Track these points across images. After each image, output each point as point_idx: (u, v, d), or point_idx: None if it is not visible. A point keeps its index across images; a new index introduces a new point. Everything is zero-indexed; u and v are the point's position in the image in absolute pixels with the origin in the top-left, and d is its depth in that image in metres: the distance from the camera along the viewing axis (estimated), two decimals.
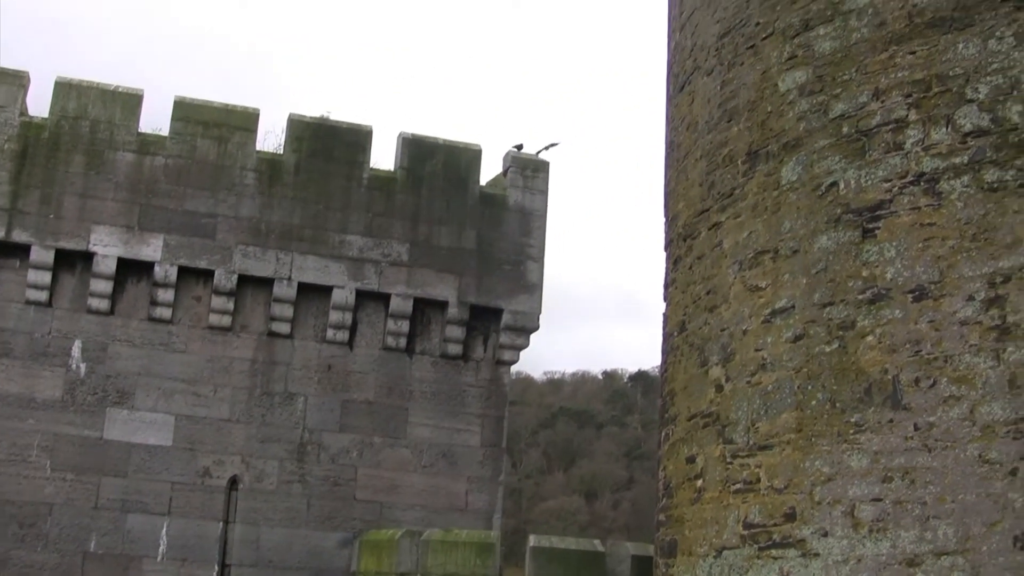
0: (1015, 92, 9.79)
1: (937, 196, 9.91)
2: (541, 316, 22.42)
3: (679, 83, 13.49)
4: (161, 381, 20.78)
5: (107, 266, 20.61)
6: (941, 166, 9.96)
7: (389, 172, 22.53)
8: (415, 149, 22.60)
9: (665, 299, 13.22)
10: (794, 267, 10.77)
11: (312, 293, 21.69)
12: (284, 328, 21.55)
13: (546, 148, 22.96)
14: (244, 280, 21.38)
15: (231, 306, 21.26)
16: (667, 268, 13.29)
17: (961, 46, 10.17)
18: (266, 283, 21.48)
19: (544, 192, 22.88)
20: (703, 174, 12.36)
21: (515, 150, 22.89)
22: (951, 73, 10.14)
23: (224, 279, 21.12)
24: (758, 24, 11.86)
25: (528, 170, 22.90)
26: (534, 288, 22.45)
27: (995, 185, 9.67)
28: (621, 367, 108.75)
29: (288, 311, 21.50)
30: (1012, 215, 9.53)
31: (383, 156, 23.10)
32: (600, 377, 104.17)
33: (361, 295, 21.80)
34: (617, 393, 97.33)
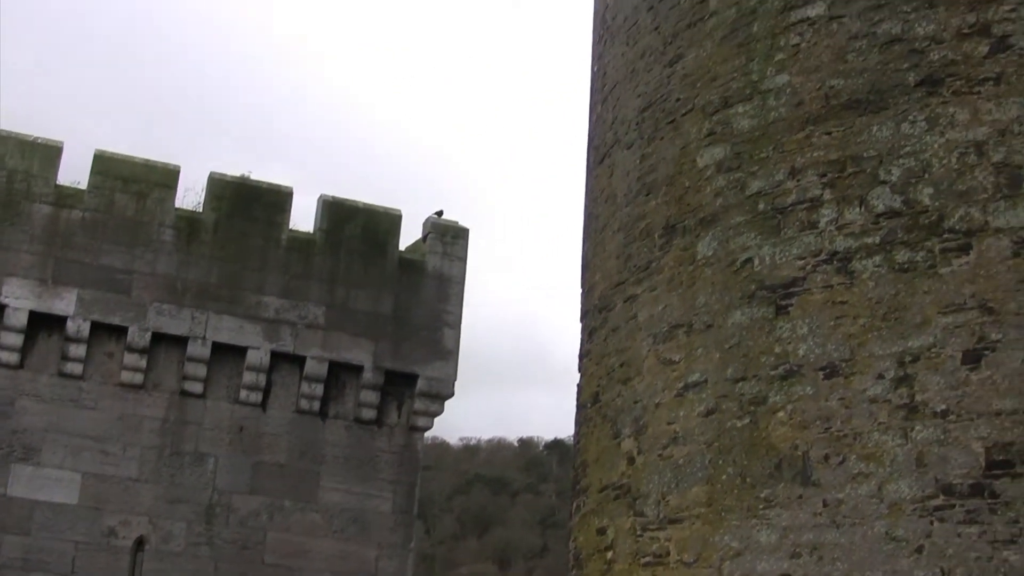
0: (927, 175, 9.98)
1: (849, 275, 10.04)
2: (457, 383, 22.38)
3: (599, 155, 13.59)
4: (69, 438, 20.44)
5: (18, 319, 20.30)
6: (854, 245, 10.11)
7: (308, 234, 22.46)
8: (335, 212, 22.56)
9: (580, 370, 13.24)
10: (708, 342, 10.84)
11: (226, 353, 21.50)
12: (197, 388, 21.32)
13: (436, 215, 23.03)
14: (158, 338, 21.15)
15: (144, 364, 21.01)
16: (583, 339, 13.32)
17: (875, 128, 10.35)
18: (180, 341, 21.26)
19: (463, 259, 22.90)
20: (620, 246, 12.44)
21: (435, 216, 22.93)
22: (865, 155, 10.31)
23: (138, 336, 20.88)
24: (678, 100, 12.00)
25: (448, 236, 22.93)
26: (450, 355, 22.41)
27: (906, 266, 9.82)
28: (538, 434, 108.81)
29: (201, 370, 21.29)
30: (922, 296, 9.68)
31: (303, 217, 22.97)
32: (516, 444, 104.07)
33: (276, 356, 21.64)
34: (533, 461, 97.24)
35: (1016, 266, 9.50)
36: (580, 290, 13.85)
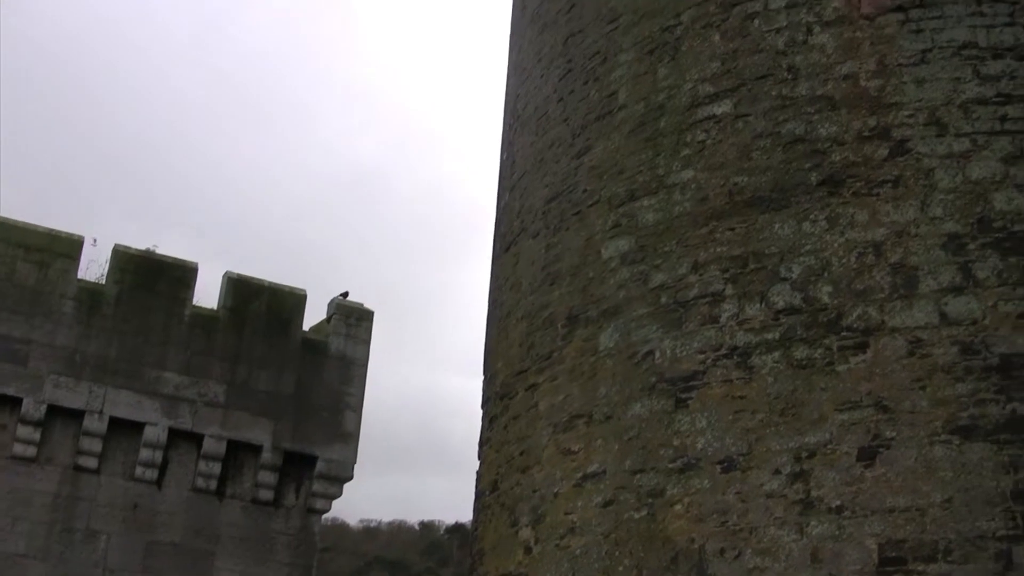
0: (826, 273, 10.14)
1: (749, 370, 10.14)
2: (358, 464, 22.15)
3: (506, 243, 13.65)
4: None
5: None
6: (754, 341, 10.22)
7: (212, 311, 22.21)
8: (240, 290, 22.36)
9: (480, 457, 13.21)
10: (607, 433, 10.86)
11: (123, 428, 21.10)
12: (92, 463, 20.88)
13: (341, 296, 22.94)
14: (54, 410, 20.70)
15: (38, 436, 20.54)
16: (483, 426, 13.29)
17: (777, 226, 10.52)
18: (76, 415, 20.85)
19: (367, 341, 22.75)
20: (524, 335, 12.46)
21: (340, 297, 22.81)
22: (767, 251, 10.46)
23: (32, 408, 20.44)
24: (585, 191, 12.11)
25: (352, 318, 22.80)
26: (350, 437, 22.19)
27: (804, 362, 9.95)
28: (439, 518, 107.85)
29: (97, 445, 20.86)
30: (819, 392, 9.80)
31: (208, 293, 22.73)
32: (417, 527, 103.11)
33: (174, 434, 21.27)
34: (433, 544, 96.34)
35: (911, 365, 9.66)
36: (483, 376, 13.84)
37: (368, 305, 23.28)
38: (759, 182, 10.78)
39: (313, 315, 23.34)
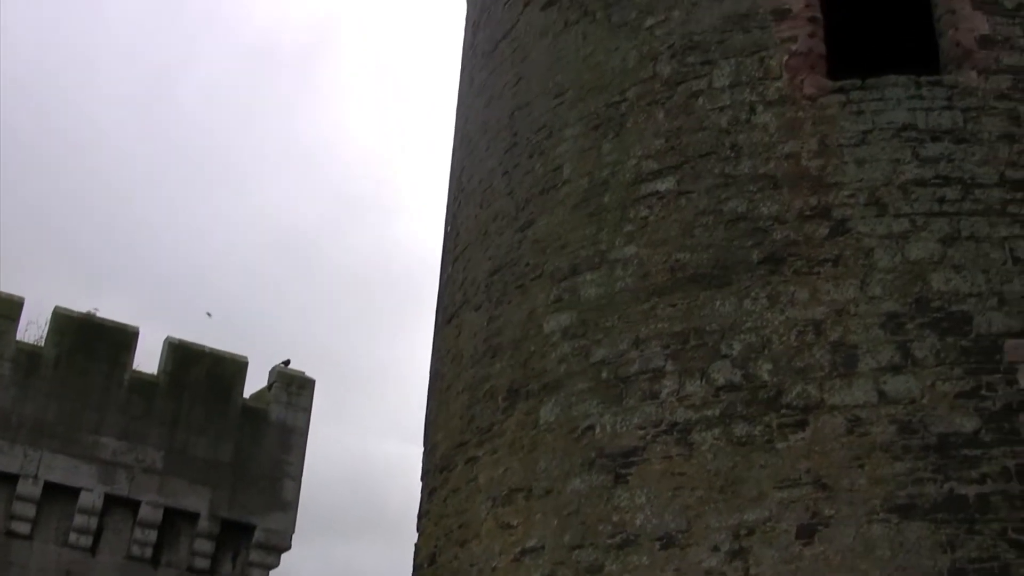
0: (766, 351, 10.19)
1: (688, 446, 10.14)
2: (295, 535, 21.96)
3: (448, 315, 13.64)
4: None
5: None
6: (694, 417, 10.23)
7: (152, 376, 22.07)
8: (180, 355, 22.24)
9: (419, 529, 13.11)
10: (546, 507, 10.81)
11: (58, 493, 20.85)
12: (24, 528, 20.60)
13: (283, 364, 22.86)
14: None
15: None
16: (423, 498, 13.20)
17: (718, 303, 10.57)
18: (10, 479, 20.58)
19: (307, 410, 22.66)
20: (464, 407, 12.42)
21: (282, 365, 22.73)
22: (708, 328, 10.50)
23: None
24: (528, 265, 12.13)
25: (293, 386, 22.70)
26: (289, 507, 22.02)
27: (744, 439, 9.97)
28: None
29: (30, 510, 20.59)
30: (759, 469, 9.82)
31: (149, 356, 22.60)
32: None
33: (110, 500, 21.05)
34: None
35: (850, 443, 9.71)
36: (423, 448, 13.77)
37: (309, 373, 23.20)
38: (701, 259, 10.84)
39: (254, 382, 23.23)
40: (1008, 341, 9.96)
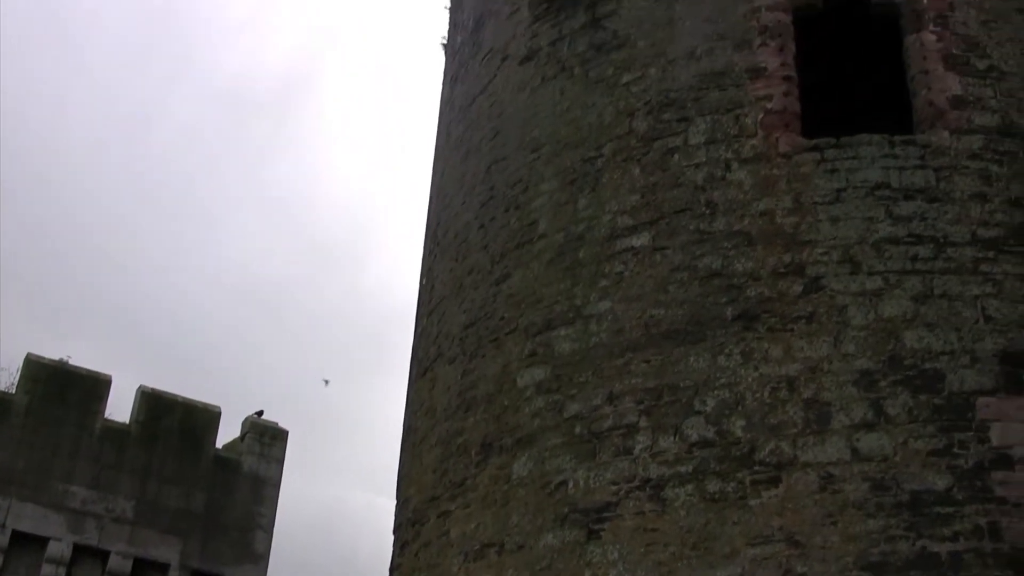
0: (740, 407, 10.20)
1: (661, 502, 10.13)
2: None
3: (422, 367, 13.63)
4: None
5: None
6: (667, 473, 10.22)
7: (124, 424, 21.99)
8: (153, 404, 22.16)
9: None
10: (519, 563, 10.77)
11: (26, 542, 20.70)
12: None
13: (256, 415, 22.76)
14: None
15: None
16: (394, 552, 13.15)
17: (692, 359, 10.59)
18: None
19: (280, 461, 22.58)
20: (437, 461, 12.39)
21: (255, 416, 22.66)
22: (682, 384, 10.51)
23: None
24: (503, 319, 12.14)
25: (266, 437, 22.62)
26: (260, 558, 21.89)
27: (717, 496, 9.96)
28: None
29: None
30: (732, 526, 9.81)
31: (122, 403, 22.52)
32: None
33: (79, 549, 20.90)
34: None
35: (823, 501, 9.70)
36: (395, 501, 13.72)
37: (282, 423, 23.14)
38: (675, 315, 10.87)
39: (228, 431, 23.16)
40: (980, 399, 9.99)
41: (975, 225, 10.79)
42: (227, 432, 23.05)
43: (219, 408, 22.68)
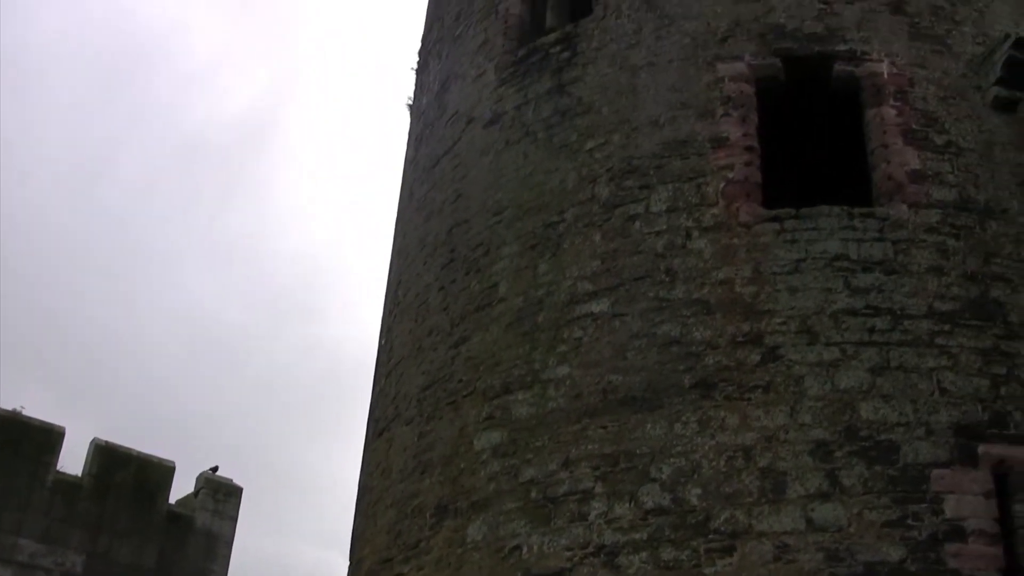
0: (696, 475, 10.21)
1: (616, 569, 10.10)
2: None
3: (379, 428, 13.58)
4: None
5: None
6: (622, 540, 10.20)
7: (76, 477, 21.76)
8: (107, 457, 21.95)
9: None
10: None
11: None
12: None
13: (211, 471, 22.63)
14: None
15: None
16: None
17: (649, 426, 10.60)
18: None
19: (234, 518, 22.40)
20: (392, 522, 12.33)
21: (209, 472, 22.50)
22: (638, 451, 10.52)
23: None
24: (460, 381, 12.13)
25: (220, 494, 22.46)
26: None
27: (671, 564, 9.95)
28: None
29: None
30: None
31: (75, 455, 22.29)
32: None
33: None
34: None
35: (777, 571, 9.71)
36: (348, 560, 13.64)
37: (236, 479, 22.98)
38: (633, 381, 10.89)
39: (181, 484, 22.97)
40: (935, 471, 10.04)
41: (932, 298, 10.88)
42: (181, 484, 22.87)
43: (173, 463, 22.50)
